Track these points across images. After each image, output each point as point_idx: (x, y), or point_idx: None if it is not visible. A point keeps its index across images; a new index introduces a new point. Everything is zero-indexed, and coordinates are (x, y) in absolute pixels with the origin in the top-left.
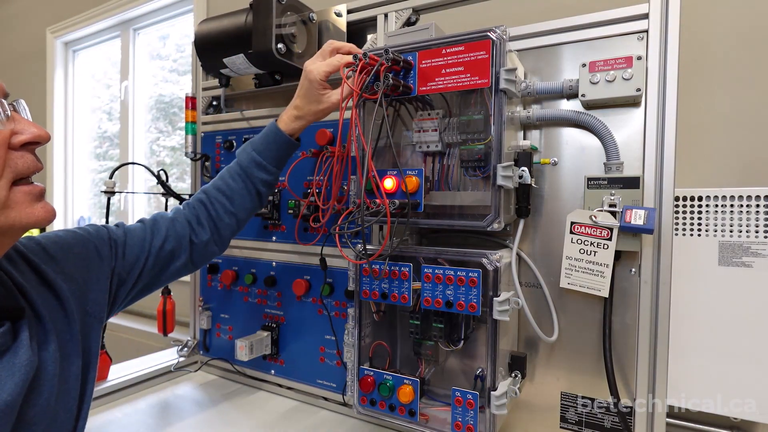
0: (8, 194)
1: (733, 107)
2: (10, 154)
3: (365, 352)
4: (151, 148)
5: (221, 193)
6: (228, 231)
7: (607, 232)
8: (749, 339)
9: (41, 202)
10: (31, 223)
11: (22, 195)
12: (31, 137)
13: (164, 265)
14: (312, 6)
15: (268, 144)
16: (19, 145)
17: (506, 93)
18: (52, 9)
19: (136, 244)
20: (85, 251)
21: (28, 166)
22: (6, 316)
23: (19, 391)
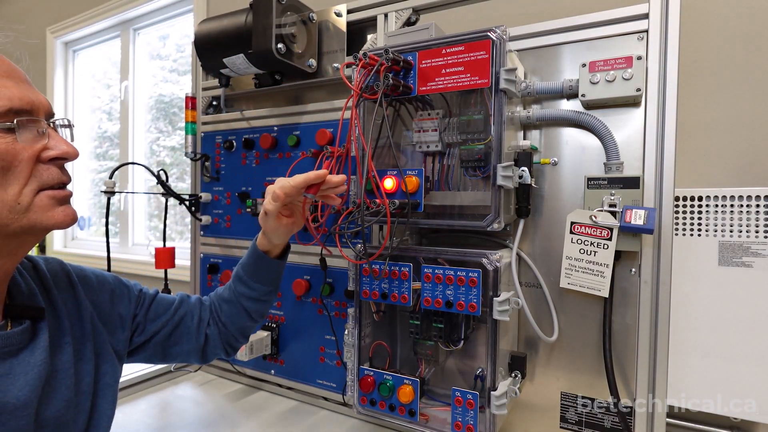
0: (32, 200)
1: (733, 107)
2: (37, 167)
3: (365, 352)
4: (151, 148)
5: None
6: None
7: (607, 232)
8: (749, 339)
9: (63, 206)
10: (50, 224)
11: (45, 199)
12: (58, 153)
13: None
14: (312, 6)
15: (248, 257)
16: (47, 159)
17: (506, 93)
18: (52, 9)
19: (162, 304)
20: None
21: (52, 178)
22: (26, 314)
23: (32, 389)
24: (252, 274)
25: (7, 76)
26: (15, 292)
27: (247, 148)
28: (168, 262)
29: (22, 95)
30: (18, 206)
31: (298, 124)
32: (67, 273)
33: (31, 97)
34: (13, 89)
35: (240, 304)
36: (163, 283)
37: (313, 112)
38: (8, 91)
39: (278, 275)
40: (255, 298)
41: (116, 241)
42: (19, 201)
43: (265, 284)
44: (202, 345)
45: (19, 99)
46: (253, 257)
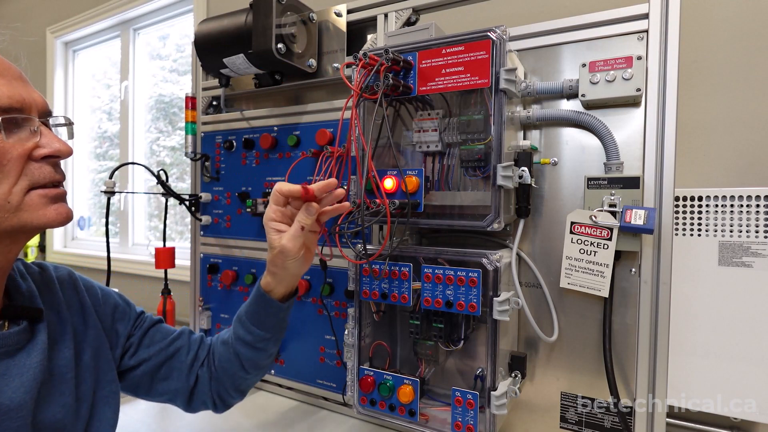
0: (22, 198)
1: (733, 107)
2: (29, 165)
3: (365, 352)
4: (151, 148)
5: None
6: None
7: (607, 232)
8: (749, 339)
9: (55, 204)
10: (41, 223)
11: (36, 198)
12: (50, 152)
13: (169, 372)
14: (312, 6)
15: (251, 296)
16: (39, 157)
17: (506, 93)
18: (52, 9)
19: (160, 333)
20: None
21: (44, 176)
22: (24, 315)
23: (26, 391)
24: (251, 315)
25: (7, 75)
26: (14, 293)
27: (247, 148)
28: (168, 262)
29: (12, 93)
30: (8, 205)
31: (298, 124)
32: (75, 281)
33: (23, 95)
34: (2, 87)
35: (234, 348)
36: (163, 282)
37: (313, 112)
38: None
39: (279, 322)
40: (249, 343)
41: (116, 241)
42: (9, 200)
43: (263, 329)
44: (191, 386)
45: (8, 97)
46: (254, 296)
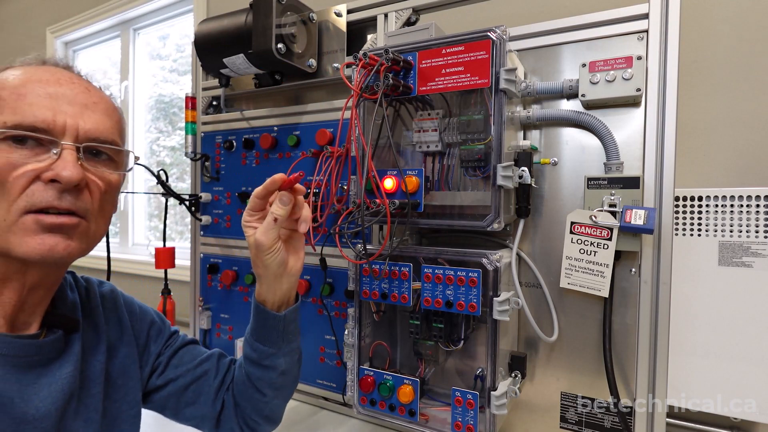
0: (17, 219)
1: (733, 107)
2: (33, 185)
3: (365, 352)
4: (151, 148)
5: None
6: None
7: (607, 232)
8: (749, 339)
9: (44, 235)
10: (21, 252)
11: (29, 222)
12: (51, 175)
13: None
14: (312, 6)
15: (251, 313)
16: (46, 180)
17: (506, 93)
18: (52, 9)
19: (190, 353)
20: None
21: (43, 200)
22: (62, 324)
23: (53, 401)
24: (253, 331)
25: (48, 97)
26: (59, 303)
27: (247, 148)
28: (168, 262)
29: (44, 115)
30: (3, 223)
31: (298, 124)
32: (116, 297)
33: (57, 119)
34: (39, 109)
35: (244, 368)
36: (163, 282)
37: (313, 112)
38: (31, 109)
39: (282, 335)
40: (255, 361)
41: (116, 241)
42: (5, 218)
43: (266, 344)
44: (218, 412)
45: (34, 116)
46: (252, 310)
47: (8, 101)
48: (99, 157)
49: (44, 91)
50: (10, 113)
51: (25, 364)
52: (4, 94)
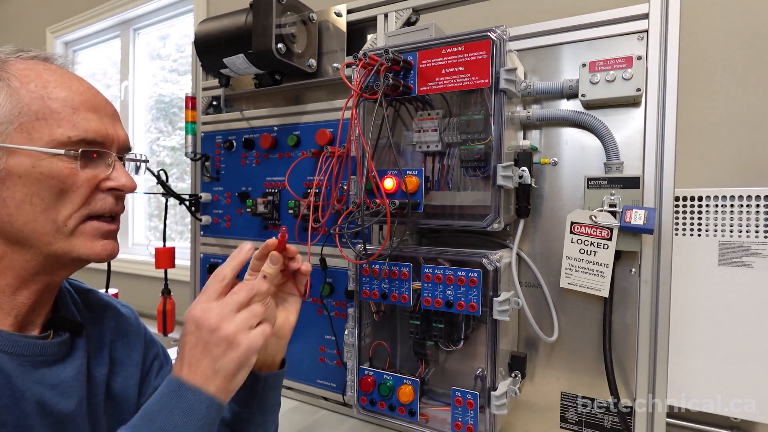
0: (78, 225)
1: (733, 107)
2: (94, 195)
3: (365, 352)
4: (151, 148)
5: None
6: None
7: (607, 232)
8: (749, 339)
9: (104, 240)
10: (84, 255)
11: (90, 228)
12: (115, 185)
13: None
14: (312, 6)
15: None
16: (106, 188)
17: (506, 93)
18: (52, 9)
19: None
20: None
21: (104, 207)
22: (66, 327)
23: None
24: None
25: (93, 110)
26: (60, 307)
27: (247, 148)
28: (168, 262)
29: (99, 128)
30: (64, 228)
31: (298, 124)
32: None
33: (109, 132)
34: (92, 122)
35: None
36: (163, 282)
37: (313, 112)
38: (87, 123)
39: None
40: (226, 422)
41: None
42: (66, 223)
43: (240, 405)
44: None
45: (95, 132)
46: None
47: (63, 114)
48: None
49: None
50: (70, 128)
51: (30, 363)
52: (55, 106)
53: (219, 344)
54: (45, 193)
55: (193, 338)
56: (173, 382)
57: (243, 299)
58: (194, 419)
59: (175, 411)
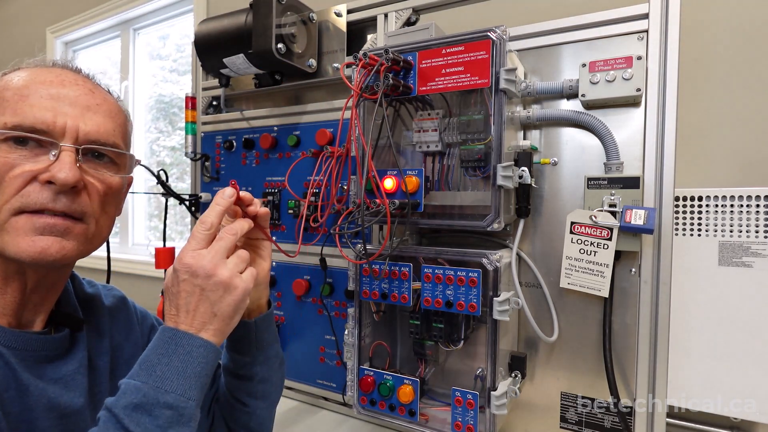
0: (8, 218)
1: (733, 107)
2: (31, 186)
3: (365, 352)
4: (151, 148)
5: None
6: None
7: (607, 232)
8: (749, 339)
9: (36, 236)
10: (12, 251)
11: (23, 221)
12: (47, 177)
13: None
14: (312, 6)
15: None
16: (43, 181)
17: (506, 93)
18: (52, 9)
19: None
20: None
21: (37, 201)
22: (66, 323)
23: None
24: (227, 340)
25: (51, 98)
26: (64, 303)
27: (247, 148)
28: (168, 262)
29: (44, 116)
30: None
31: (298, 124)
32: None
33: (57, 120)
34: (40, 110)
35: (224, 379)
36: (163, 282)
37: (313, 112)
38: (31, 110)
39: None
40: (231, 371)
41: (116, 241)
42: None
43: (240, 353)
44: (209, 425)
45: (35, 118)
46: None
47: (11, 102)
48: (101, 159)
49: (47, 93)
50: (11, 114)
51: (32, 359)
52: (7, 95)
53: (216, 289)
54: None
55: (188, 285)
56: (168, 331)
57: (230, 244)
58: (194, 363)
59: (174, 357)
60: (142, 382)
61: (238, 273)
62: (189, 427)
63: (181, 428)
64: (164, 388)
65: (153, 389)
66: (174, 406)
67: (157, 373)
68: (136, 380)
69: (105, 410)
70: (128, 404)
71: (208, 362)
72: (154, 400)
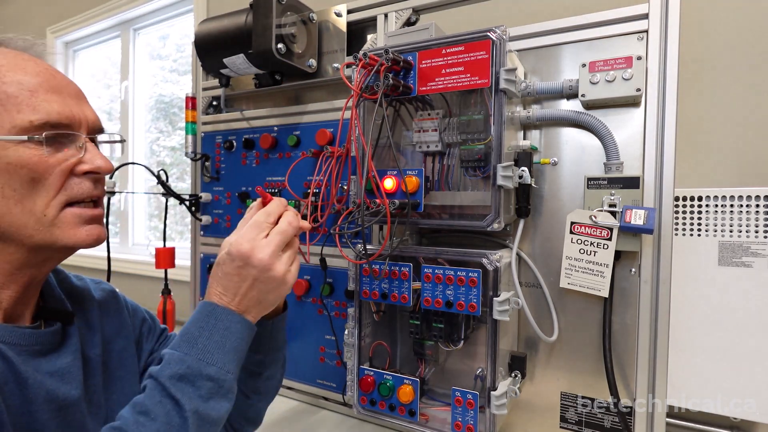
0: (58, 214)
1: (733, 107)
2: (69, 180)
3: (365, 352)
4: (151, 148)
5: None
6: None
7: (607, 232)
8: (749, 339)
9: (88, 226)
10: (71, 242)
11: (71, 216)
12: (89, 168)
13: None
14: (312, 6)
15: None
16: (81, 172)
17: (506, 93)
18: (52, 9)
19: None
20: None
21: (82, 192)
22: (57, 317)
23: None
24: None
25: (54, 91)
26: (48, 296)
27: (247, 148)
28: (168, 262)
29: (62, 110)
30: (44, 218)
31: (298, 124)
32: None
33: (74, 112)
34: (54, 104)
35: None
36: (163, 282)
37: (313, 112)
38: (49, 105)
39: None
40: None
41: (116, 241)
42: (45, 213)
43: (253, 350)
44: None
45: (58, 113)
46: None
47: (21, 98)
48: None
49: (48, 85)
50: (31, 111)
51: (26, 353)
52: (11, 91)
53: (269, 282)
54: (16, 184)
55: (243, 272)
56: (208, 306)
57: (288, 239)
58: (232, 338)
59: (215, 332)
60: (184, 353)
61: (289, 268)
62: (228, 399)
63: (220, 399)
64: (206, 360)
65: (196, 361)
66: (215, 379)
67: (198, 345)
68: (179, 351)
69: (151, 379)
70: (173, 374)
71: (244, 339)
72: (197, 372)
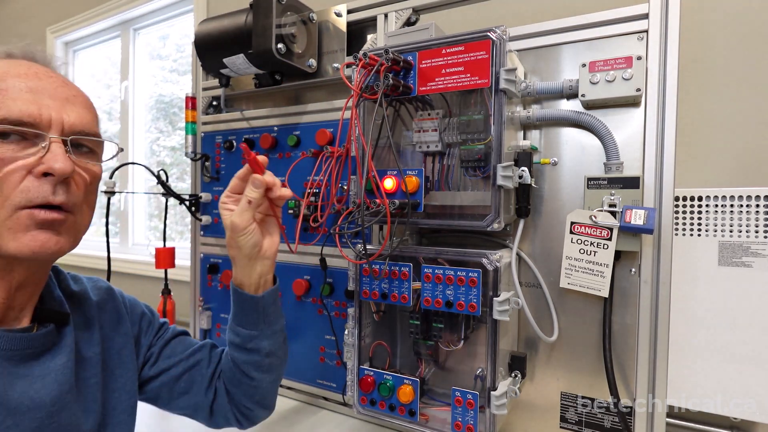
0: (10, 215)
1: (733, 107)
2: (27, 181)
3: (365, 352)
4: (151, 148)
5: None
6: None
7: (607, 232)
8: (749, 339)
9: (35, 231)
10: (11, 249)
11: (24, 218)
12: (44, 169)
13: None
14: (312, 6)
15: (231, 299)
16: (39, 174)
17: (506, 93)
18: (52, 9)
19: (182, 344)
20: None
21: (38, 195)
22: (52, 318)
23: (47, 392)
24: (234, 316)
25: (29, 91)
26: (47, 299)
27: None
28: (168, 262)
29: (28, 109)
30: None
31: (298, 124)
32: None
33: (43, 113)
34: (20, 101)
35: (230, 354)
36: (163, 282)
37: (313, 112)
38: (13, 103)
39: (261, 316)
40: (239, 345)
41: (116, 241)
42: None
43: (247, 327)
44: (211, 401)
45: (20, 111)
46: (232, 295)
47: None
48: (81, 149)
49: (24, 85)
50: None
51: (18, 357)
52: None
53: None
54: None
55: None
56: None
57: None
58: None
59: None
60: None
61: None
62: None
63: None
64: None
65: None
66: None
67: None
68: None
69: None
70: None
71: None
72: None
